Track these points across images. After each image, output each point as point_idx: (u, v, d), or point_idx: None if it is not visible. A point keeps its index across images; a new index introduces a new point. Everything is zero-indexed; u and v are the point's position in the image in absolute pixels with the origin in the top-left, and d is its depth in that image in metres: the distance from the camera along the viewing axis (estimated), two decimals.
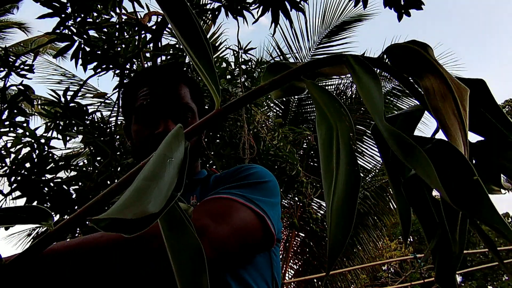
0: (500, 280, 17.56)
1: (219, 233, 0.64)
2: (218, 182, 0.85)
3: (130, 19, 2.56)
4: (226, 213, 0.68)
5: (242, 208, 0.71)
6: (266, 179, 0.82)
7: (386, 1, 2.02)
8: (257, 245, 0.76)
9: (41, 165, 2.10)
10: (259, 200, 0.74)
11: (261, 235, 0.73)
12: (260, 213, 0.72)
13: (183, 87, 0.91)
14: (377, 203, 6.10)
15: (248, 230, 0.70)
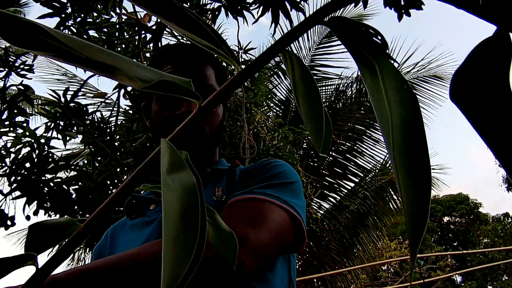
0: (500, 280, 17.55)
1: (261, 241, 0.62)
2: (245, 177, 0.81)
3: (130, 19, 2.56)
4: (263, 217, 0.66)
5: (278, 210, 0.69)
6: (295, 180, 0.79)
7: (386, 1, 2.02)
8: (290, 248, 0.75)
9: (41, 165, 2.10)
10: (292, 202, 0.72)
11: (293, 237, 0.72)
12: (295, 215, 0.70)
13: (209, 68, 0.87)
14: (377, 203, 6.10)
15: (285, 233, 0.69)
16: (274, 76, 6.59)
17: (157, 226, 0.76)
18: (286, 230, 0.69)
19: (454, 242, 22.06)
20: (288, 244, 0.72)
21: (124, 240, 0.82)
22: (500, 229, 19.23)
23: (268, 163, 0.82)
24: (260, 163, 0.84)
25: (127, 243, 0.80)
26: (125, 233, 0.84)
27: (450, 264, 13.86)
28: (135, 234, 0.80)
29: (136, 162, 2.31)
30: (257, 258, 0.61)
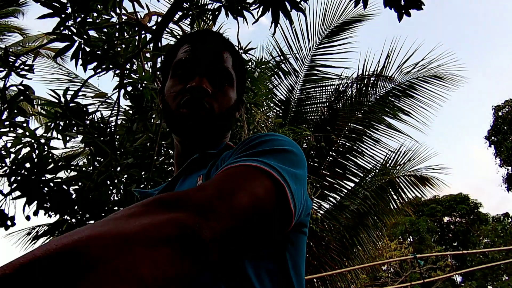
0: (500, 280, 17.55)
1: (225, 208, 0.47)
2: (231, 155, 0.69)
3: (130, 19, 2.56)
4: (234, 182, 0.52)
5: (255, 173, 0.55)
6: (289, 148, 0.64)
7: (386, 1, 2.02)
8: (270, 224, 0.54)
9: (41, 165, 2.10)
10: (278, 166, 0.57)
11: (276, 211, 0.54)
12: (279, 180, 0.55)
13: (226, 53, 0.86)
14: (377, 203, 6.09)
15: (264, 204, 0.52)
16: (274, 76, 6.59)
17: None
18: (265, 198, 0.53)
19: (454, 242, 22.05)
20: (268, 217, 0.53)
21: None
22: (500, 229, 19.22)
23: (258, 135, 0.68)
24: (250, 136, 0.70)
25: None
26: None
27: (450, 264, 13.85)
28: None
29: (136, 162, 2.31)
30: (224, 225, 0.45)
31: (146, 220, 0.40)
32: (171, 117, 0.81)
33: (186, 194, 0.47)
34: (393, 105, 6.45)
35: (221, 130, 0.85)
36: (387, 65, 6.37)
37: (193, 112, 0.78)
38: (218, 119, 0.81)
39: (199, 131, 0.79)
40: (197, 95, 0.78)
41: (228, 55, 0.86)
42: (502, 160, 19.76)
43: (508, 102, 20.14)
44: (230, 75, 0.84)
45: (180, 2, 2.28)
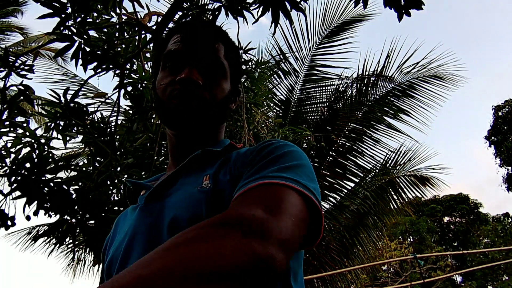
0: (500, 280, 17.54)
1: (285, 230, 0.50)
2: (242, 162, 0.70)
3: (130, 19, 2.56)
4: (281, 202, 0.54)
5: (295, 194, 0.57)
6: (306, 161, 0.67)
7: (386, 1, 2.02)
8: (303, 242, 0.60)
9: (41, 165, 2.10)
10: (310, 186, 0.60)
11: (309, 228, 0.59)
12: (315, 201, 0.59)
13: (218, 43, 0.83)
14: (377, 203, 6.09)
15: (303, 222, 0.56)
16: (274, 76, 6.59)
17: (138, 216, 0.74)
18: (304, 219, 0.57)
19: (454, 242, 22.04)
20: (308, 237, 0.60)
21: (122, 226, 0.82)
22: (500, 229, 19.22)
23: (271, 143, 0.71)
24: (262, 144, 0.72)
25: (117, 232, 0.81)
26: (127, 219, 0.82)
27: (450, 264, 13.85)
28: (124, 222, 0.80)
29: (136, 162, 2.31)
30: (285, 250, 0.49)
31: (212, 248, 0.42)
32: (162, 110, 0.79)
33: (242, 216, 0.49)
34: (393, 105, 6.45)
35: (215, 122, 0.81)
36: (387, 65, 6.37)
37: (184, 104, 0.76)
38: (210, 109, 0.78)
39: (191, 123, 0.77)
40: (187, 87, 0.76)
41: (220, 45, 0.83)
42: (502, 160, 19.76)
43: (508, 102, 20.14)
44: (222, 65, 0.82)
45: (180, 2, 2.28)
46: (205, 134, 0.81)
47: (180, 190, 0.72)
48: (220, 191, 0.67)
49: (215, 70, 0.80)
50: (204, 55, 0.80)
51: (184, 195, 0.70)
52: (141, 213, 0.74)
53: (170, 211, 0.68)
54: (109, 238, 0.85)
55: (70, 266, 6.61)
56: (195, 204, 0.66)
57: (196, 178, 0.73)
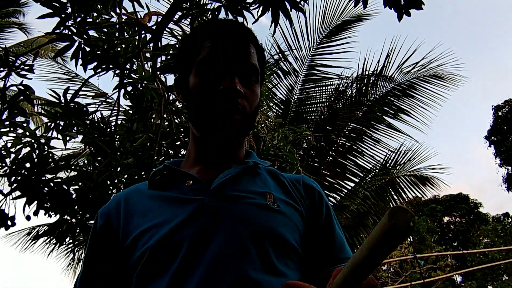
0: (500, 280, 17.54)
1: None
2: (311, 202, 0.83)
3: (130, 19, 2.56)
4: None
5: None
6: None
7: (386, 1, 2.02)
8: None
9: (41, 165, 2.10)
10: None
11: None
12: None
13: (252, 47, 0.83)
14: (377, 203, 6.10)
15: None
16: (274, 76, 6.59)
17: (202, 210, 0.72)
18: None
19: (454, 242, 22.05)
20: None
21: (146, 209, 0.77)
22: (500, 229, 19.22)
23: (323, 196, 0.85)
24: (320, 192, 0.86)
25: (151, 214, 0.75)
26: (145, 202, 0.79)
27: (450, 264, 13.85)
28: (166, 208, 0.76)
29: (136, 162, 2.31)
30: None
31: None
32: (200, 118, 0.79)
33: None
34: (393, 105, 6.45)
35: (249, 130, 0.86)
36: (387, 64, 6.37)
37: (227, 116, 0.76)
38: (249, 120, 0.80)
39: (232, 135, 0.78)
40: (231, 97, 0.75)
41: (253, 49, 0.83)
42: (502, 160, 19.77)
43: (508, 102, 20.14)
44: (257, 71, 0.82)
45: (180, 2, 2.28)
46: (237, 143, 0.84)
47: (247, 199, 0.75)
48: (284, 213, 0.76)
49: (251, 76, 0.81)
50: (242, 61, 0.79)
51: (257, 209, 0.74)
52: (207, 209, 0.72)
53: (249, 220, 0.72)
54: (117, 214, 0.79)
55: (70, 266, 6.61)
56: (274, 222, 0.73)
57: (254, 188, 0.78)
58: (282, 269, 0.70)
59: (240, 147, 0.86)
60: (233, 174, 0.78)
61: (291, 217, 0.76)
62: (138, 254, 0.71)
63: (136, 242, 0.73)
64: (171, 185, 0.80)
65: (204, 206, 0.73)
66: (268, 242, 0.70)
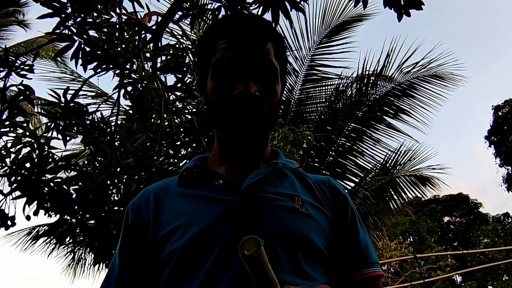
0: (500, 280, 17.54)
1: None
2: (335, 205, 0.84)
3: (130, 19, 2.56)
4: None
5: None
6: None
7: (386, 1, 2.02)
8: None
9: (41, 165, 2.10)
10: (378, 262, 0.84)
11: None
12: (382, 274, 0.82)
13: (268, 43, 0.79)
14: (377, 203, 6.09)
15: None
16: None
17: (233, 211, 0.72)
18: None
19: (454, 242, 22.04)
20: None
21: (176, 207, 0.77)
22: (500, 229, 19.22)
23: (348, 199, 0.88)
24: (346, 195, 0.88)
25: (181, 212, 0.75)
26: (174, 199, 0.79)
27: (450, 264, 13.85)
28: (196, 207, 0.75)
29: (136, 162, 2.31)
30: None
31: None
32: (220, 123, 0.79)
33: None
34: (393, 104, 6.45)
35: (271, 129, 0.85)
36: (387, 64, 6.37)
37: (244, 121, 0.75)
38: (268, 121, 0.79)
39: (252, 138, 0.78)
40: (246, 102, 0.74)
41: (270, 45, 0.79)
42: (502, 160, 19.77)
43: (508, 102, 20.14)
44: (274, 69, 0.79)
45: (180, 2, 2.28)
46: (260, 143, 0.84)
47: (277, 201, 0.75)
48: (312, 217, 0.77)
49: (269, 75, 0.78)
50: (258, 61, 0.77)
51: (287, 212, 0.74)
52: (237, 210, 0.72)
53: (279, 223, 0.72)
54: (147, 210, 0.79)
55: (70, 266, 6.61)
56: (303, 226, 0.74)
57: (283, 190, 0.78)
58: (310, 272, 0.70)
59: (265, 146, 0.85)
60: (263, 175, 0.78)
61: (319, 220, 0.77)
62: (168, 252, 0.71)
63: (165, 240, 0.73)
64: (201, 183, 0.80)
65: (235, 207, 0.73)
66: (297, 246, 0.71)
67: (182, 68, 2.39)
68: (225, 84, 0.77)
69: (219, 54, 0.77)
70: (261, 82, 0.77)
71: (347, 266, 0.78)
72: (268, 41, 0.79)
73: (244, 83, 0.74)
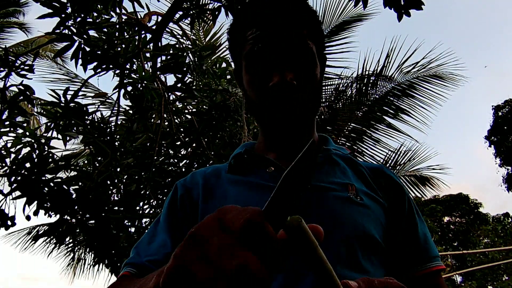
0: (500, 280, 17.56)
1: None
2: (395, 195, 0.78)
3: (130, 19, 2.56)
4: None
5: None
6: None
7: (386, 1, 2.02)
8: None
9: (41, 165, 2.10)
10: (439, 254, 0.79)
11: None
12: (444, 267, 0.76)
13: (302, 26, 0.73)
14: None
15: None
16: None
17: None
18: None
19: (454, 242, 22.05)
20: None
21: (226, 194, 0.74)
22: (500, 229, 19.23)
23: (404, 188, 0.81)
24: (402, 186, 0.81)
25: (232, 199, 0.72)
26: (225, 186, 0.76)
27: (450, 264, 13.85)
28: (247, 194, 0.72)
29: (136, 162, 2.31)
30: None
31: None
32: (261, 116, 0.76)
33: None
34: (393, 104, 6.44)
35: (315, 114, 0.80)
36: (387, 64, 6.37)
37: (284, 114, 0.71)
38: (309, 108, 0.75)
39: (295, 129, 0.74)
40: (283, 93, 0.70)
41: (304, 27, 0.74)
42: (502, 160, 19.78)
43: (508, 102, 20.15)
44: (311, 52, 0.74)
45: (180, 2, 2.28)
46: (305, 131, 0.79)
47: (332, 191, 0.71)
48: (368, 207, 0.72)
49: (306, 60, 0.73)
50: (294, 49, 0.72)
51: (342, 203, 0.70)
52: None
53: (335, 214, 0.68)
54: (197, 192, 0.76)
55: (70, 266, 6.61)
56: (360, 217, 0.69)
57: (336, 179, 0.74)
58: (366, 265, 0.67)
59: (312, 131, 0.81)
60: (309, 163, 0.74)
61: (374, 210, 0.73)
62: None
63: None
64: (252, 170, 0.76)
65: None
66: (354, 237, 0.67)
67: (182, 68, 2.39)
68: (260, 76, 0.73)
69: (249, 46, 0.73)
70: (298, 68, 0.72)
71: (409, 260, 0.73)
72: (300, 23, 0.74)
73: (280, 73, 0.70)
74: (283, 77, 0.70)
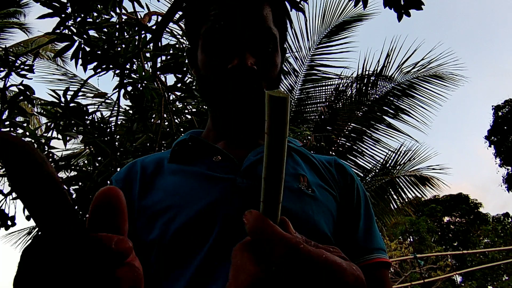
0: (500, 280, 17.56)
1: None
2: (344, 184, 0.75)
3: (130, 19, 2.56)
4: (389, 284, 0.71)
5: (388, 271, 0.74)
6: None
7: (386, 1, 2.02)
8: None
9: None
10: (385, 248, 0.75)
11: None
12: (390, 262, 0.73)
13: (266, 7, 0.70)
14: (377, 203, 6.10)
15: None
16: None
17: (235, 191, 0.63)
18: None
19: (454, 242, 22.05)
20: None
21: (167, 184, 0.68)
22: (500, 229, 19.23)
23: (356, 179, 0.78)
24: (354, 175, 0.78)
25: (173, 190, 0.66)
26: (165, 176, 0.70)
27: (450, 264, 13.85)
28: (191, 185, 0.66)
29: None
30: None
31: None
32: (215, 102, 0.71)
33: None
34: (393, 104, 6.45)
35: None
36: (387, 64, 6.38)
37: (241, 99, 0.67)
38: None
39: (249, 117, 0.70)
40: (242, 77, 0.66)
41: (267, 9, 0.70)
42: (502, 160, 19.78)
43: (508, 102, 20.15)
44: (273, 36, 0.70)
45: (180, 2, 2.28)
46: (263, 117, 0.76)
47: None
48: (319, 199, 0.69)
49: (267, 46, 0.69)
50: (255, 29, 0.68)
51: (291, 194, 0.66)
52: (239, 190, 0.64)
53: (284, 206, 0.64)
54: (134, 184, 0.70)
55: None
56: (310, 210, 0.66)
57: (287, 170, 0.69)
58: None
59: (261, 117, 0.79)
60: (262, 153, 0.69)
61: (326, 203, 0.69)
62: (158, 233, 0.62)
63: (154, 219, 0.64)
64: (197, 159, 0.71)
65: (236, 187, 0.64)
66: (303, 231, 0.63)
67: (182, 68, 2.39)
68: (218, 57, 0.68)
69: (209, 23, 0.69)
70: (259, 53, 0.68)
71: (349, 252, 0.68)
72: (266, 5, 0.70)
73: (240, 56, 0.66)
74: (243, 60, 0.65)
